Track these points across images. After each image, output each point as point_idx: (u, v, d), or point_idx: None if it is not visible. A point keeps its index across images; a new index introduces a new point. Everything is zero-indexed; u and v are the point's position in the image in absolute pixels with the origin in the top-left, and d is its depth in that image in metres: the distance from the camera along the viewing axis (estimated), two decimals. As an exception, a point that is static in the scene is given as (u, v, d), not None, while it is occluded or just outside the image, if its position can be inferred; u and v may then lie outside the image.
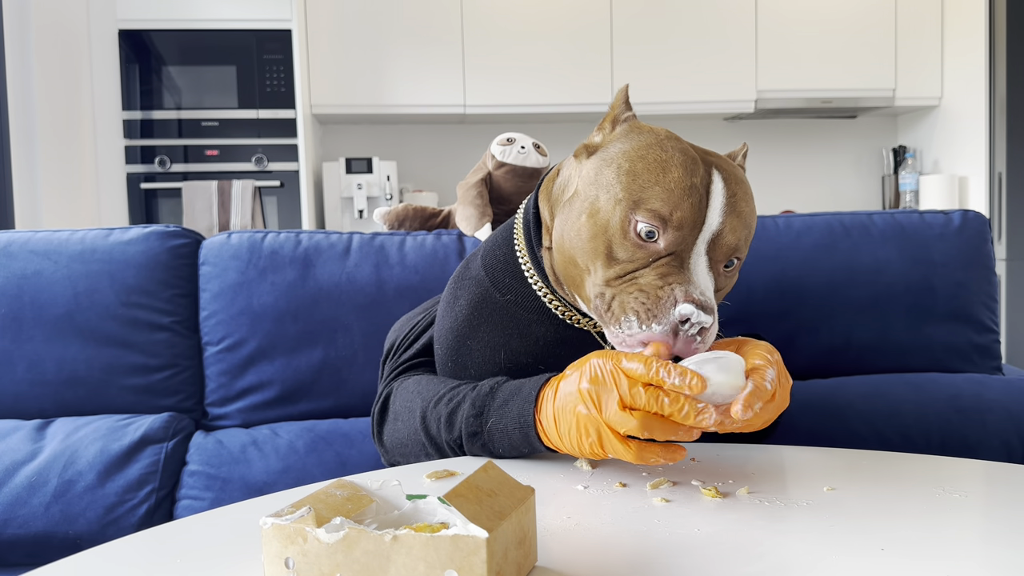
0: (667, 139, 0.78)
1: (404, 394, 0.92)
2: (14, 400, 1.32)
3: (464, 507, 0.48)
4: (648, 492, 0.69)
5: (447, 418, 0.82)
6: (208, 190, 3.27)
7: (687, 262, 0.74)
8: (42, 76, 2.80)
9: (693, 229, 0.74)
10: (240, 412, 1.37)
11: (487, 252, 0.93)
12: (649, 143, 0.77)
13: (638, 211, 0.74)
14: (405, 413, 0.89)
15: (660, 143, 0.77)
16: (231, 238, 1.40)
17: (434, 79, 3.55)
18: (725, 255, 0.76)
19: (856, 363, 1.39)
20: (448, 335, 0.92)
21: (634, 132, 0.80)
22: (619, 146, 0.79)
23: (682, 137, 0.80)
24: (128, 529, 1.16)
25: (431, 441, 0.84)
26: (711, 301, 0.72)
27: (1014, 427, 1.25)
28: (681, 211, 0.73)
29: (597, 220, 0.76)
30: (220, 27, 3.31)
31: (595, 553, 0.56)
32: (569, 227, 0.80)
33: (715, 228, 0.74)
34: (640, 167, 0.76)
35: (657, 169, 0.75)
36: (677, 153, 0.76)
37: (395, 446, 0.91)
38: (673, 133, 0.80)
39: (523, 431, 0.76)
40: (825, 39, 3.72)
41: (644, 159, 0.76)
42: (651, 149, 0.77)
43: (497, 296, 0.89)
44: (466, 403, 0.81)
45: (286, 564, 0.49)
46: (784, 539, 0.58)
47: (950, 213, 1.45)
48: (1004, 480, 0.71)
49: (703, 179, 0.75)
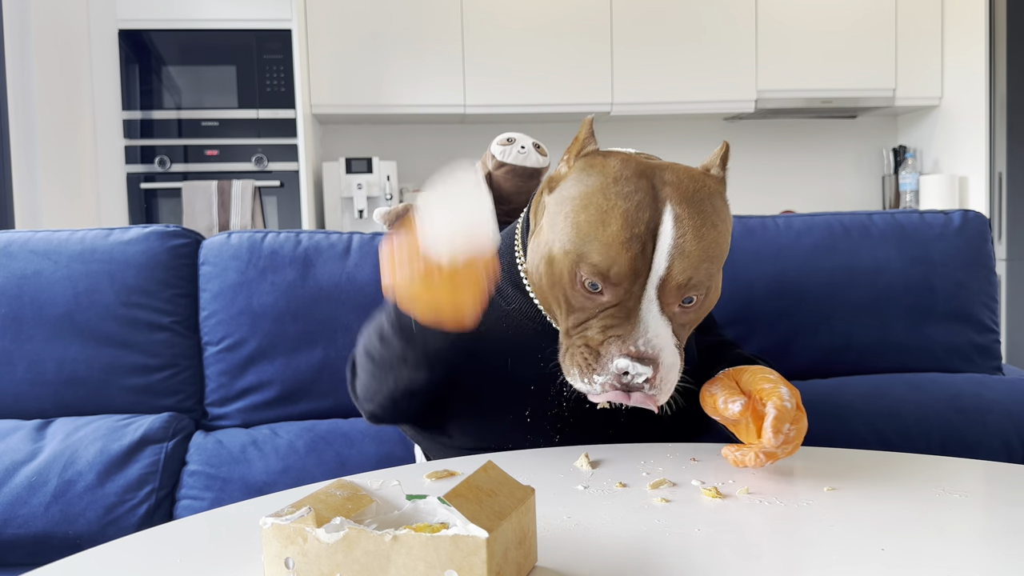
0: (615, 182, 0.76)
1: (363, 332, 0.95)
2: (14, 400, 1.32)
3: (464, 507, 0.48)
4: (648, 492, 0.69)
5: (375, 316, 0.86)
6: (208, 190, 3.27)
7: (635, 310, 0.74)
8: (42, 76, 2.80)
9: (636, 279, 0.74)
10: (240, 412, 1.37)
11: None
12: (594, 189, 0.76)
13: (581, 265, 0.75)
14: (360, 352, 0.92)
15: (605, 190, 0.76)
16: (231, 238, 1.41)
17: (434, 79, 3.55)
18: (677, 296, 0.75)
19: (856, 363, 1.39)
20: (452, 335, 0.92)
21: (586, 172, 0.79)
22: (569, 190, 0.79)
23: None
24: (128, 529, 1.16)
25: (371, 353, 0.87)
26: (654, 350, 0.72)
27: (1014, 427, 1.25)
28: (618, 266, 0.73)
29: (553, 269, 0.78)
30: (220, 27, 3.31)
31: (595, 553, 0.56)
32: (534, 269, 0.82)
33: (662, 273, 0.74)
34: (583, 219, 0.75)
35: (597, 222, 0.74)
36: (620, 201, 0.75)
37: (363, 390, 0.93)
38: (632, 160, 0.78)
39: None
40: (825, 39, 3.71)
41: (587, 209, 0.75)
42: (595, 197, 0.76)
43: (503, 304, 0.90)
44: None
45: (286, 564, 0.49)
46: (784, 539, 0.58)
47: (950, 213, 1.45)
48: (1004, 480, 0.71)
49: (648, 224, 0.74)
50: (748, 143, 4.11)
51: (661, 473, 0.74)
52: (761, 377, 0.75)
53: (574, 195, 0.78)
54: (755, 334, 1.38)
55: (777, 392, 0.73)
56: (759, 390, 0.74)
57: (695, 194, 0.77)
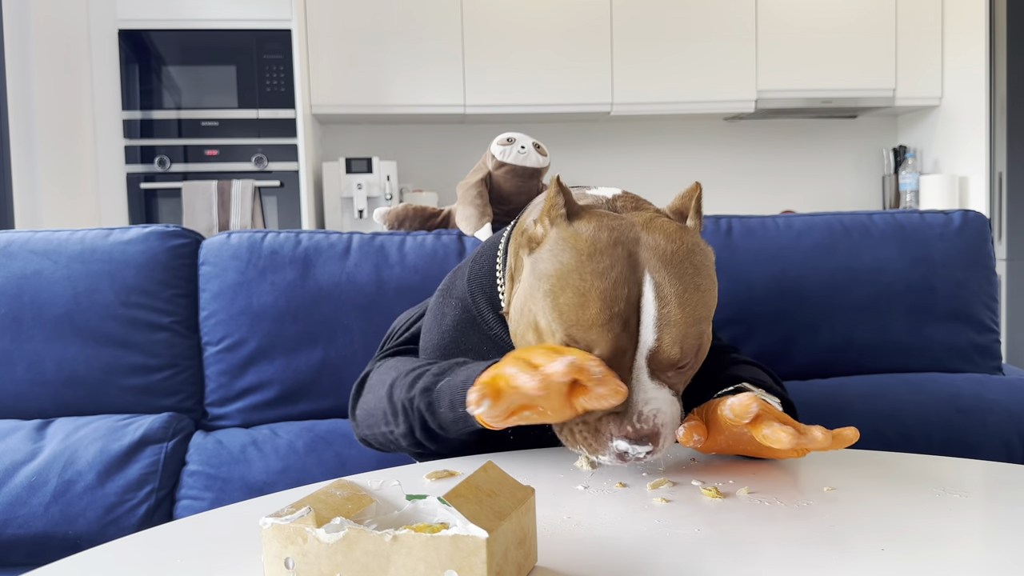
0: (589, 258, 0.74)
1: (381, 369, 0.93)
2: (14, 400, 1.32)
3: (464, 507, 0.48)
4: (648, 492, 0.69)
5: (412, 379, 0.83)
6: (208, 190, 3.27)
7: (628, 384, 0.72)
8: (42, 76, 2.80)
9: (624, 355, 0.72)
10: (240, 412, 1.37)
11: (472, 278, 0.93)
12: (570, 269, 0.74)
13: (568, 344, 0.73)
14: (377, 385, 0.91)
15: (580, 269, 0.74)
16: (231, 238, 1.40)
17: (434, 79, 3.55)
18: (668, 366, 0.74)
19: (856, 363, 1.39)
20: (435, 352, 0.93)
21: (559, 246, 0.76)
22: (545, 264, 0.76)
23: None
24: (128, 529, 1.16)
25: (391, 405, 0.85)
26: (651, 424, 0.71)
27: (1014, 427, 1.25)
28: (600, 348, 0.72)
29: (542, 340, 0.76)
30: (220, 27, 3.31)
31: (595, 553, 0.56)
32: (519, 330, 0.80)
33: (651, 346, 0.72)
34: (562, 301, 0.73)
35: (576, 304, 0.73)
36: (596, 281, 0.72)
37: (363, 417, 0.93)
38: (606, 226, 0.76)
39: (466, 386, 0.75)
40: (825, 39, 3.71)
41: (565, 291, 0.74)
42: (571, 278, 0.74)
43: (484, 328, 0.90)
44: (434, 367, 0.83)
45: (286, 564, 0.49)
46: (784, 539, 0.58)
47: (950, 213, 1.45)
48: (1004, 480, 0.71)
49: (629, 299, 0.72)
50: (748, 143, 4.11)
51: (661, 473, 0.74)
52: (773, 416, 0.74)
53: (550, 272, 0.75)
54: (755, 334, 1.38)
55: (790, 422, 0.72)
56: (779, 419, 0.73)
57: (674, 256, 0.75)
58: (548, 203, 0.79)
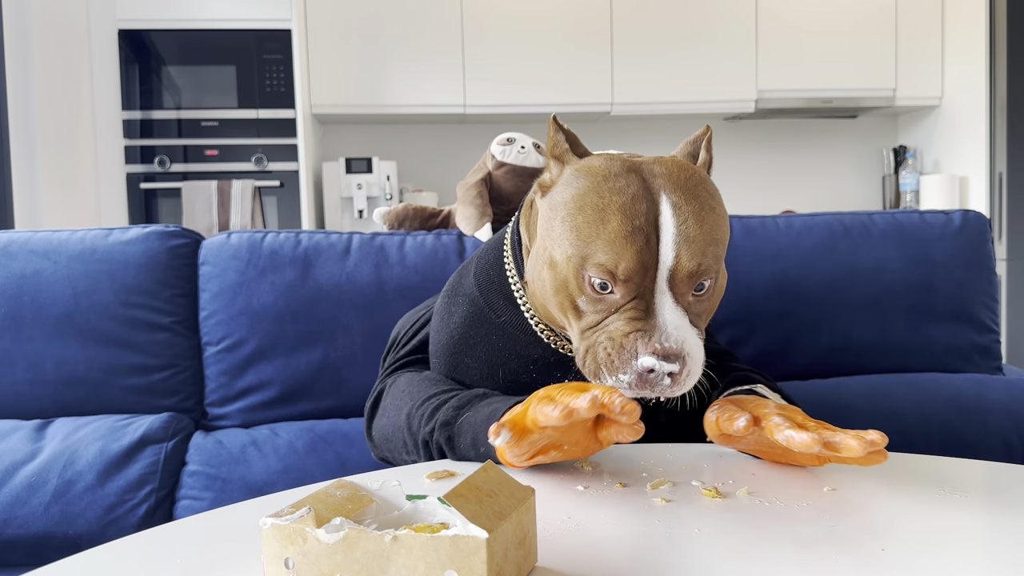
0: (605, 179, 0.75)
1: (395, 391, 0.93)
2: (14, 400, 1.32)
3: (464, 507, 0.48)
4: (648, 492, 0.69)
5: (431, 412, 0.83)
6: (208, 190, 3.27)
7: (652, 304, 0.72)
8: (42, 76, 2.80)
9: (647, 272, 0.72)
10: (240, 412, 1.37)
11: (480, 271, 0.93)
12: (586, 190, 0.75)
13: (587, 266, 0.73)
14: (392, 410, 0.90)
15: (597, 188, 0.75)
16: (231, 238, 1.40)
17: (434, 79, 3.55)
18: (689, 285, 0.73)
19: (856, 363, 1.39)
20: (444, 351, 0.92)
21: (574, 176, 0.77)
22: (560, 194, 0.77)
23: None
24: (128, 529, 1.16)
25: (411, 436, 0.85)
26: (678, 344, 0.70)
27: (1014, 427, 1.25)
28: (625, 262, 0.72)
29: (557, 275, 0.76)
30: (220, 27, 3.31)
31: (595, 553, 0.56)
32: (536, 277, 0.80)
33: (670, 264, 0.72)
34: (580, 221, 0.74)
35: (596, 221, 0.73)
36: (615, 196, 0.73)
37: (382, 441, 0.93)
38: (616, 158, 0.77)
39: (488, 423, 0.75)
40: (825, 39, 3.71)
41: (583, 211, 0.74)
42: (589, 197, 0.75)
43: (492, 317, 0.89)
44: (453, 399, 0.82)
45: (286, 564, 0.49)
46: (784, 539, 0.58)
47: (950, 213, 1.45)
48: (1004, 480, 0.71)
49: (648, 216, 0.73)
50: (748, 143, 4.11)
51: (661, 473, 0.74)
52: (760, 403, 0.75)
53: (567, 199, 0.76)
54: (755, 334, 1.38)
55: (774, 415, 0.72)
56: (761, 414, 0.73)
57: (687, 181, 0.76)
58: (550, 142, 0.80)
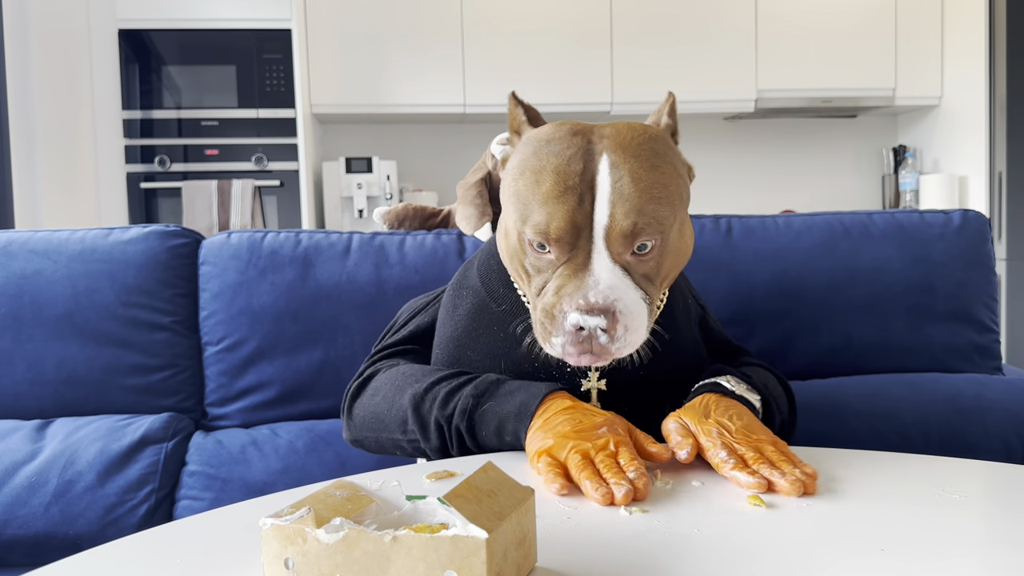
0: (547, 142, 0.77)
1: (393, 373, 0.92)
2: (14, 400, 1.32)
3: (464, 508, 0.48)
4: (657, 484, 0.69)
5: (445, 396, 0.83)
6: (208, 190, 3.27)
7: (585, 265, 0.73)
8: (42, 76, 2.80)
9: (579, 232, 0.73)
10: (240, 412, 1.37)
11: (482, 262, 0.94)
12: (528, 154, 0.77)
13: (526, 227, 0.75)
14: (389, 390, 0.90)
15: (537, 152, 0.77)
16: (231, 238, 1.40)
17: (434, 79, 3.55)
18: (626, 244, 0.74)
19: (856, 363, 1.39)
20: (448, 344, 0.93)
21: (523, 144, 0.80)
22: (510, 163, 0.81)
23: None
24: (128, 529, 1.16)
25: (417, 418, 0.85)
26: (606, 300, 0.71)
27: (1014, 427, 1.25)
28: (556, 221, 0.73)
29: (509, 242, 0.80)
30: (220, 27, 3.31)
31: (595, 553, 0.56)
32: (500, 248, 0.84)
33: (605, 223, 0.73)
34: (521, 184, 0.77)
35: (532, 183, 0.75)
36: (552, 159, 0.75)
37: (367, 420, 0.92)
38: (566, 124, 0.79)
39: (519, 419, 0.78)
40: (825, 39, 3.71)
41: (523, 175, 0.77)
42: (529, 160, 0.77)
43: (493, 306, 0.90)
44: (469, 386, 0.83)
45: (286, 564, 0.49)
46: (784, 539, 0.58)
47: (950, 213, 1.45)
48: (1004, 480, 0.71)
49: (583, 175, 0.74)
50: (748, 143, 4.10)
51: (660, 474, 0.74)
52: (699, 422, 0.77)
53: (513, 166, 0.80)
54: (755, 334, 1.38)
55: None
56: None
57: (631, 141, 0.76)
58: (510, 117, 0.83)
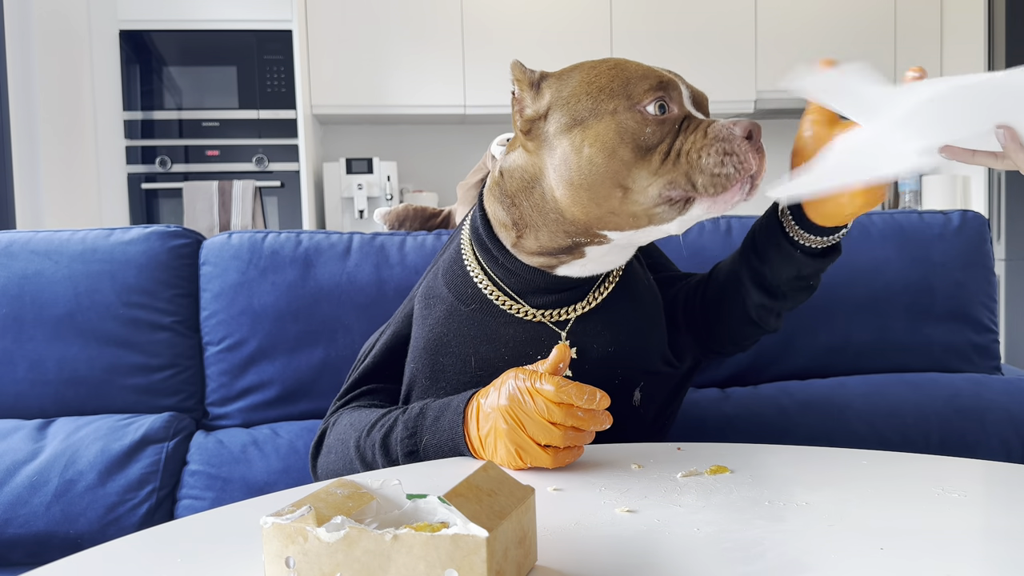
0: (598, 61, 0.83)
1: (338, 428, 0.94)
2: (15, 400, 1.32)
3: (464, 506, 0.48)
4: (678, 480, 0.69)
5: (381, 443, 0.85)
6: (209, 190, 3.27)
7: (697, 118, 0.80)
8: (43, 77, 2.80)
9: (679, 92, 0.80)
10: (241, 412, 1.37)
11: (446, 270, 0.96)
12: (586, 67, 0.82)
13: (640, 99, 0.78)
14: (338, 445, 0.92)
15: (592, 63, 0.82)
16: (232, 238, 1.41)
17: (434, 79, 3.55)
18: (705, 108, 0.83)
19: (855, 363, 1.39)
20: (422, 355, 0.94)
21: (566, 74, 0.83)
22: (567, 88, 0.82)
23: None
24: (129, 529, 1.17)
25: (367, 469, 0.87)
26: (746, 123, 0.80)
27: (1013, 427, 1.26)
28: (664, 78, 0.79)
29: (606, 140, 0.78)
30: (220, 27, 3.31)
31: (595, 553, 0.56)
32: (574, 170, 0.80)
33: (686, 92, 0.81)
34: (604, 80, 0.79)
35: (616, 70, 0.80)
36: (609, 58, 0.82)
37: (329, 477, 0.94)
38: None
39: (454, 443, 0.79)
40: (825, 39, 3.72)
41: (600, 75, 0.80)
42: (594, 68, 0.81)
43: (463, 308, 0.91)
44: (398, 426, 0.84)
45: (287, 563, 0.49)
46: (784, 539, 0.58)
47: (949, 213, 1.45)
48: (1004, 480, 0.71)
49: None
50: (748, 143, 4.10)
51: (656, 473, 0.75)
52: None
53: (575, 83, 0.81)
54: (755, 334, 1.38)
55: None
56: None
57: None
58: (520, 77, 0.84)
